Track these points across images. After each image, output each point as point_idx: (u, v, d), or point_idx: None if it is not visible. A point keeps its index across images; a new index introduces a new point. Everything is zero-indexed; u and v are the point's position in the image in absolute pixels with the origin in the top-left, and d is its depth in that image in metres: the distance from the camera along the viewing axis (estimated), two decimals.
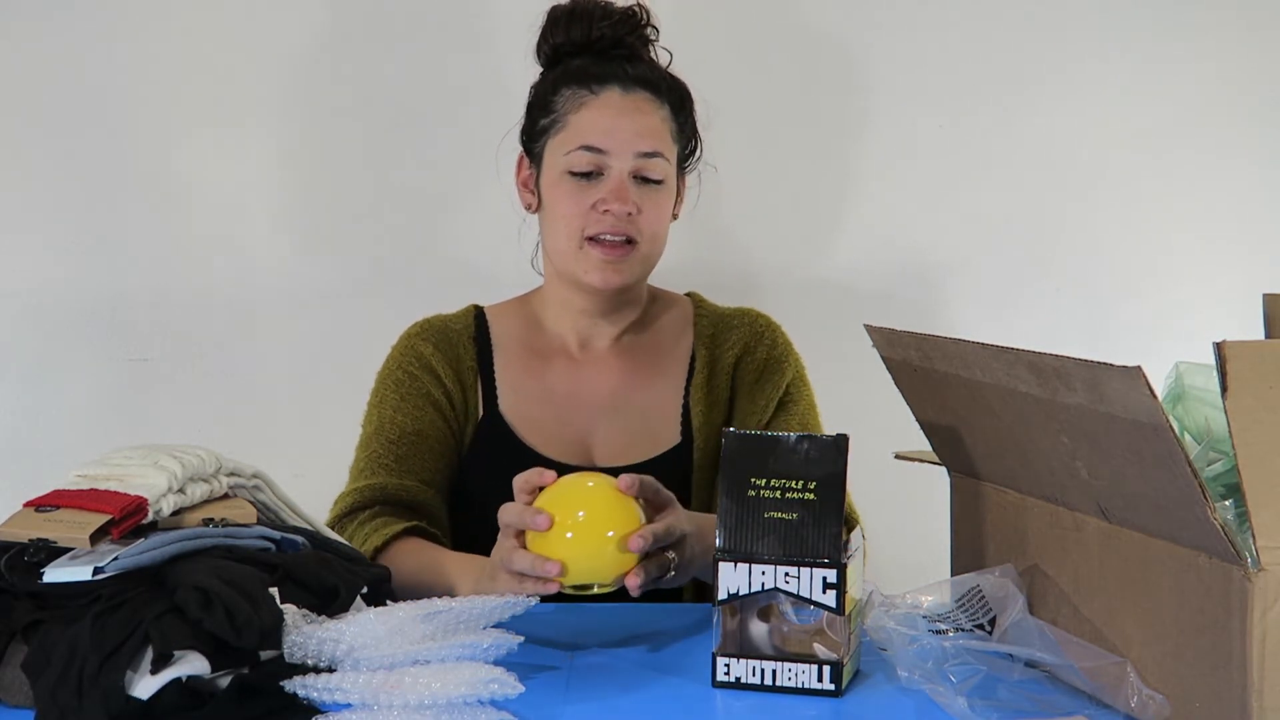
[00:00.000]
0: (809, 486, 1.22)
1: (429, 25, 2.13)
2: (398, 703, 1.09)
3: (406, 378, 1.69)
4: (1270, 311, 1.41)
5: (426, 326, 1.74)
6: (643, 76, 1.65)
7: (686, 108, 1.70)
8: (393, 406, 1.68)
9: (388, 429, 1.67)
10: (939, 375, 1.30)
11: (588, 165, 1.62)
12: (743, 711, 1.18)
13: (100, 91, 2.11)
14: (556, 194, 1.64)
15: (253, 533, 1.23)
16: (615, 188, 1.61)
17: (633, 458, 1.66)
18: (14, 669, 1.12)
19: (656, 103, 1.65)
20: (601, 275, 1.63)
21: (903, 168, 2.20)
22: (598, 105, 1.63)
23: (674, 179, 1.67)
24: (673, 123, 1.66)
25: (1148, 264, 2.22)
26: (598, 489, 1.34)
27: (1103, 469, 1.12)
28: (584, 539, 1.29)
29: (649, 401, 1.70)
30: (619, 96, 1.64)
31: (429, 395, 1.68)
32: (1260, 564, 1.00)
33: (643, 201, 1.62)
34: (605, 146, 1.61)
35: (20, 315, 2.12)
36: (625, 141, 1.62)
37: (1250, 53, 2.21)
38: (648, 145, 1.62)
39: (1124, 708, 1.12)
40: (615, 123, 1.62)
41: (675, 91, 1.68)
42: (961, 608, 1.24)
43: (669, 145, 1.65)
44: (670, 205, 1.67)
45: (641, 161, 1.62)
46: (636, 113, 1.63)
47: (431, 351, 1.70)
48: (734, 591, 1.21)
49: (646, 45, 1.70)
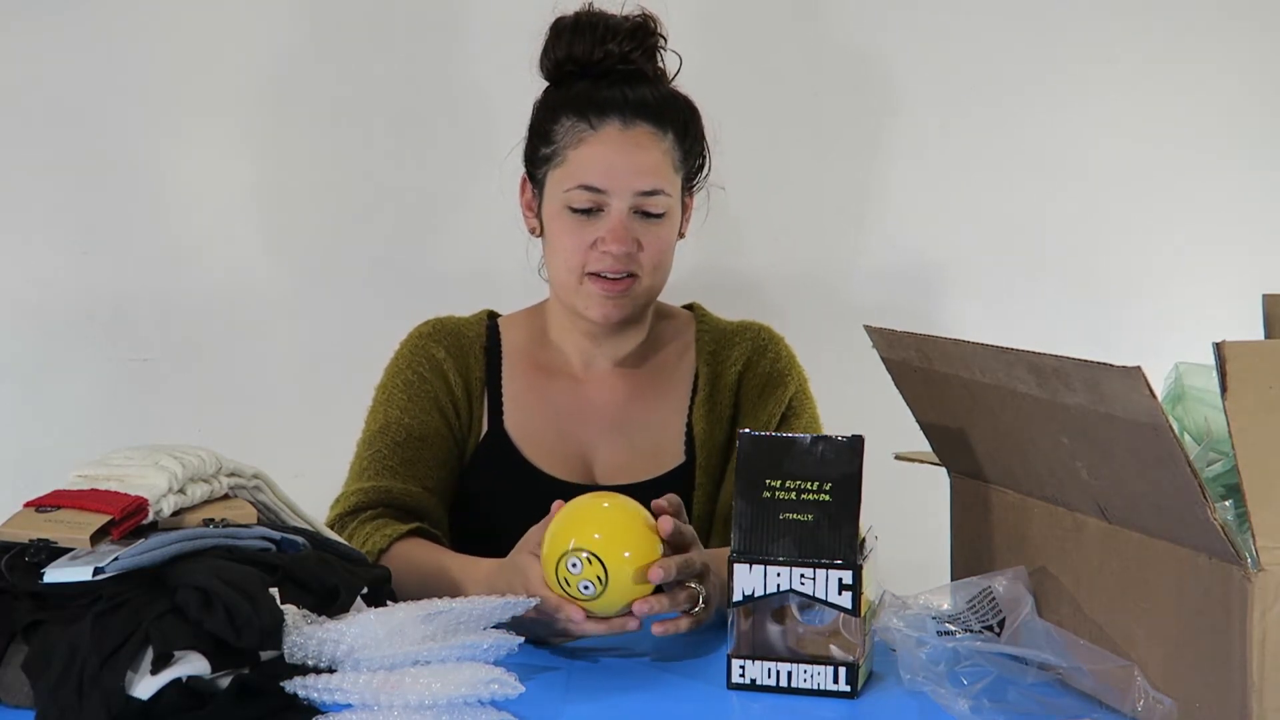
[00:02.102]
0: (824, 488, 1.21)
1: (430, 24, 2.13)
2: (398, 703, 1.09)
3: (416, 378, 1.68)
4: (1270, 311, 1.41)
5: (440, 328, 1.72)
6: (643, 103, 1.61)
7: (691, 130, 1.65)
8: (400, 407, 1.66)
9: (393, 429, 1.65)
10: (939, 376, 1.30)
11: (587, 203, 1.59)
12: (760, 713, 1.18)
13: (101, 91, 2.11)
14: (556, 227, 1.63)
15: (253, 533, 1.23)
16: (614, 227, 1.58)
17: (635, 476, 1.65)
18: (14, 669, 1.12)
19: (658, 135, 1.61)
20: (602, 310, 1.62)
21: (903, 168, 2.21)
22: (596, 142, 1.60)
23: (677, 208, 1.64)
24: (676, 152, 1.63)
25: (1148, 264, 2.22)
26: (614, 511, 1.30)
27: (1103, 469, 1.12)
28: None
29: (652, 420, 1.69)
30: (618, 132, 1.60)
31: (436, 400, 1.67)
32: (1260, 564, 1.00)
33: (644, 236, 1.60)
34: (604, 186, 1.59)
35: (20, 315, 2.12)
36: (624, 181, 1.59)
37: (1251, 53, 2.22)
38: (647, 184, 1.59)
39: (1130, 711, 1.11)
40: (614, 161, 1.59)
41: (679, 115, 1.64)
42: (972, 609, 1.24)
43: (670, 179, 1.62)
44: (673, 234, 1.64)
45: (641, 199, 1.59)
46: (636, 149, 1.60)
47: (444, 356, 1.68)
48: (749, 593, 1.21)
49: (653, 57, 1.65)
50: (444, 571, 1.46)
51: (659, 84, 1.65)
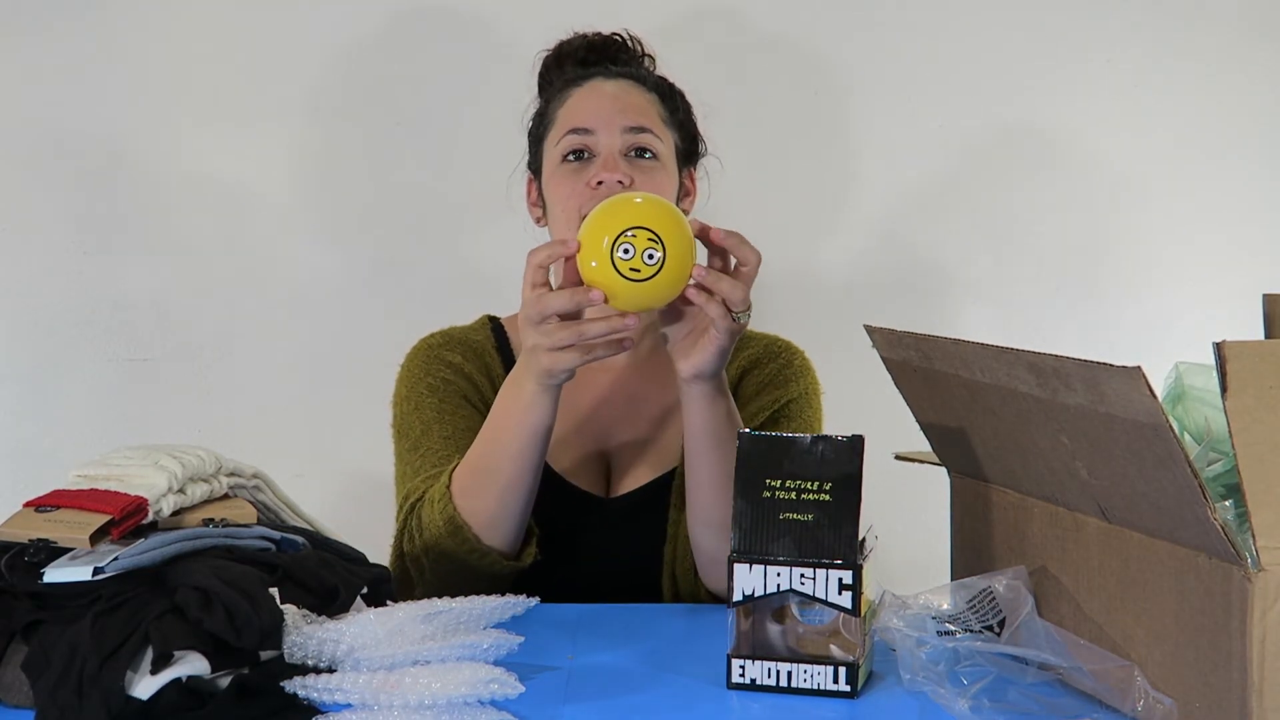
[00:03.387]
0: (824, 487, 1.21)
1: (435, 28, 2.13)
2: (398, 703, 1.09)
3: (440, 383, 1.64)
4: (1270, 311, 1.41)
5: (449, 338, 1.70)
6: (627, 72, 1.68)
7: (675, 99, 1.69)
8: (434, 409, 1.62)
9: (436, 430, 1.61)
10: (939, 376, 1.30)
11: (577, 145, 1.61)
12: (760, 713, 1.18)
13: (102, 91, 2.11)
14: (553, 184, 1.63)
15: (253, 533, 1.23)
16: (605, 160, 1.60)
17: (644, 477, 1.63)
18: (14, 669, 1.12)
19: (642, 88, 1.66)
20: None
21: (903, 168, 2.21)
22: (582, 93, 1.65)
23: (673, 164, 1.65)
24: (661, 108, 1.66)
25: (1148, 264, 2.23)
26: (657, 201, 1.33)
27: (1103, 469, 1.12)
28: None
29: (661, 414, 1.68)
30: (603, 81, 1.66)
31: (466, 397, 1.64)
32: (1260, 564, 1.00)
33: (636, 174, 1.59)
34: (591, 125, 1.61)
35: (20, 315, 2.12)
36: (611, 118, 1.61)
37: (1251, 54, 2.22)
38: (634, 120, 1.62)
39: (1130, 711, 1.11)
40: (600, 103, 1.63)
41: (663, 85, 1.69)
42: (972, 609, 1.24)
43: (658, 124, 1.64)
44: (670, 187, 1.64)
45: (631, 137, 1.61)
46: (621, 93, 1.64)
47: (462, 361, 1.66)
48: (749, 593, 1.21)
49: (639, 62, 1.73)
50: (488, 422, 1.48)
51: (641, 66, 1.73)
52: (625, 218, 1.31)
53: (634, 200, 1.34)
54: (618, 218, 1.31)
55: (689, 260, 1.32)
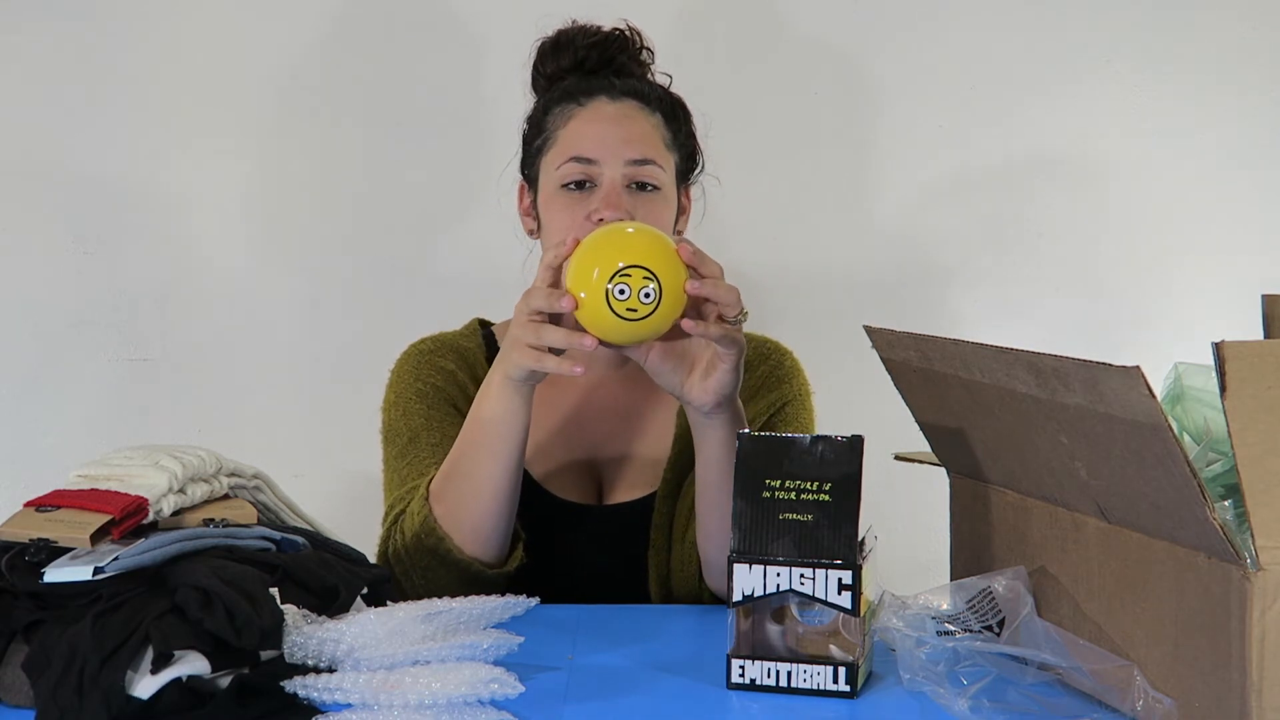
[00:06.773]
0: (824, 488, 1.21)
1: (431, 31, 2.13)
2: (398, 703, 1.09)
3: (430, 389, 1.63)
4: (1270, 311, 1.41)
5: (440, 344, 1.68)
6: (631, 88, 1.63)
7: (679, 117, 1.66)
8: (423, 416, 1.61)
9: (424, 437, 1.60)
10: (938, 376, 1.30)
11: (579, 175, 1.58)
12: (759, 713, 1.18)
13: (100, 91, 2.11)
14: (551, 210, 1.61)
15: (253, 533, 1.23)
16: (607, 195, 1.56)
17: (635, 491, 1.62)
18: (14, 669, 1.12)
19: (646, 110, 1.62)
20: None
21: (903, 168, 2.21)
22: (585, 116, 1.60)
23: (673, 190, 1.63)
24: (665, 130, 1.63)
25: (1148, 264, 2.22)
26: (648, 231, 1.32)
27: (1102, 469, 1.12)
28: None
29: (649, 426, 1.66)
30: (606, 104, 1.61)
31: (455, 405, 1.62)
32: (1259, 564, 1.00)
33: (637, 209, 1.56)
34: (594, 155, 1.57)
35: (20, 315, 2.12)
36: (615, 149, 1.57)
37: (1251, 53, 2.21)
38: (638, 152, 1.58)
39: (1130, 711, 1.11)
40: (604, 131, 1.59)
41: (667, 102, 1.65)
42: (972, 609, 1.24)
43: (662, 152, 1.61)
44: (670, 216, 1.62)
45: (634, 169, 1.58)
46: (625, 119, 1.60)
47: (454, 368, 1.65)
48: (748, 593, 1.21)
49: (638, 60, 1.68)
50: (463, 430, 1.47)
51: (644, 79, 1.68)
52: (620, 253, 1.29)
53: (627, 232, 1.33)
54: (612, 254, 1.30)
55: (683, 294, 1.31)
